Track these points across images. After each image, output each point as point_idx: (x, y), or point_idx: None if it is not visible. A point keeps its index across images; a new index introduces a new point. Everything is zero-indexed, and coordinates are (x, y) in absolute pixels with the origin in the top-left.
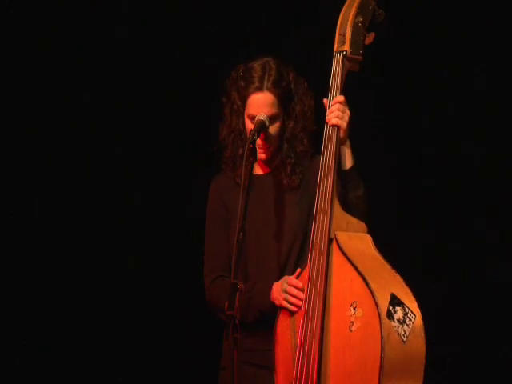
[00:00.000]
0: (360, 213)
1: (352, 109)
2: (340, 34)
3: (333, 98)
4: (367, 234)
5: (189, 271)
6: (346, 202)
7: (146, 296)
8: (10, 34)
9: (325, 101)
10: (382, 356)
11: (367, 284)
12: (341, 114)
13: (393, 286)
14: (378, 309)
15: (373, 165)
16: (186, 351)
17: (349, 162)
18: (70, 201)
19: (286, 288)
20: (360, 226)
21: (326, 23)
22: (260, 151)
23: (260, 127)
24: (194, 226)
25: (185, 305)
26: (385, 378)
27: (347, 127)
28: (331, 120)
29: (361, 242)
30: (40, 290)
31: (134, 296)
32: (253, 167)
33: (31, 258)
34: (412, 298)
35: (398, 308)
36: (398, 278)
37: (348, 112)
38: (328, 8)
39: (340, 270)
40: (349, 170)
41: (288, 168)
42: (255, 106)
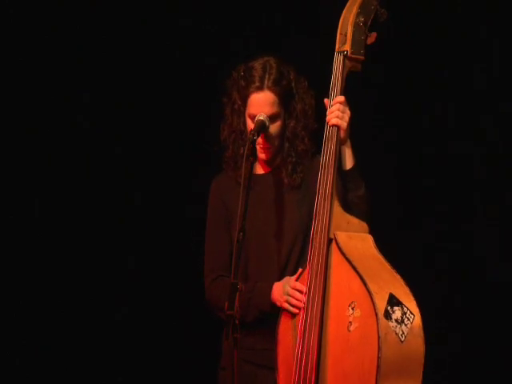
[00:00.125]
0: (361, 213)
1: (352, 109)
2: (341, 33)
3: (333, 97)
4: (369, 234)
5: (189, 271)
6: (347, 201)
7: (146, 296)
8: (10, 34)
9: (326, 101)
10: (378, 356)
11: (365, 284)
12: (341, 114)
13: (392, 286)
14: (375, 309)
15: (373, 165)
16: (186, 351)
17: (349, 162)
18: (70, 201)
19: (289, 291)
20: (361, 226)
21: (328, 23)
22: (261, 151)
23: (260, 127)
24: (194, 225)
25: (185, 304)
26: (382, 378)
27: (347, 127)
28: (331, 120)
29: (362, 242)
30: (40, 290)
31: (134, 296)
32: (254, 167)
33: (31, 257)
34: (411, 297)
35: (396, 308)
36: (398, 278)
37: (348, 112)
38: (330, 8)
39: (339, 270)
40: (349, 170)
41: (289, 167)
42: (256, 105)
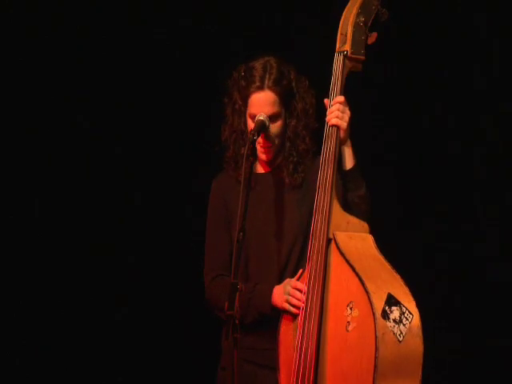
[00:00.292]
0: (362, 213)
1: (352, 109)
2: (341, 33)
3: (333, 97)
4: (369, 233)
5: (189, 271)
6: (347, 201)
7: (146, 296)
8: (10, 34)
9: (326, 101)
10: (376, 356)
11: (363, 284)
12: (340, 115)
13: (391, 285)
14: (372, 309)
15: (373, 165)
16: (186, 351)
17: (350, 162)
18: (70, 201)
19: (290, 291)
20: (362, 226)
21: (328, 23)
22: (261, 150)
23: (260, 127)
24: (193, 226)
25: (185, 304)
26: (380, 377)
27: (347, 127)
28: (331, 120)
29: (362, 242)
30: (40, 290)
31: (133, 295)
32: (254, 166)
33: (31, 258)
34: (410, 297)
35: (394, 308)
36: (398, 277)
37: (348, 112)
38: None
39: (338, 270)
40: (350, 169)
41: (290, 166)
42: (257, 105)
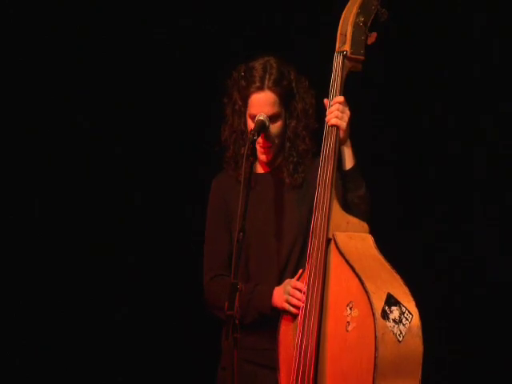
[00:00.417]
0: (361, 213)
1: (352, 109)
2: (341, 33)
3: (333, 98)
4: (369, 234)
5: (189, 271)
6: (347, 202)
7: (146, 296)
8: (10, 34)
9: (325, 101)
10: (375, 356)
11: (363, 284)
12: (340, 115)
13: (391, 285)
14: (372, 309)
15: (373, 165)
16: (186, 351)
17: (349, 162)
18: (70, 201)
19: (290, 291)
20: (361, 226)
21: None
22: (261, 151)
23: (260, 127)
24: (194, 225)
25: (185, 304)
26: (379, 377)
27: (347, 127)
28: (331, 120)
29: (362, 243)
30: (40, 290)
31: (133, 295)
32: (254, 166)
33: (31, 258)
34: (410, 297)
35: (394, 308)
36: (398, 277)
37: (348, 112)
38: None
39: (337, 270)
40: (350, 169)
41: (290, 167)
42: (256, 105)
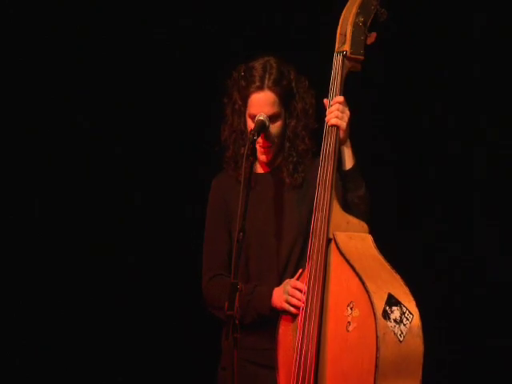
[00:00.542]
0: (361, 213)
1: (352, 109)
2: (341, 33)
3: (333, 97)
4: (369, 234)
5: (189, 271)
6: (347, 202)
7: (146, 295)
8: (10, 34)
9: (325, 101)
10: (377, 356)
11: (363, 284)
12: (340, 115)
13: (391, 285)
14: (373, 309)
15: (373, 165)
16: (186, 351)
17: (349, 162)
18: (70, 201)
19: (289, 291)
20: (361, 226)
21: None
22: (261, 151)
23: (260, 127)
24: (194, 225)
25: (185, 304)
26: (380, 377)
27: (347, 127)
28: (330, 120)
29: (361, 243)
30: (40, 290)
31: (133, 295)
32: (254, 166)
33: (31, 258)
34: (410, 297)
35: (394, 308)
36: (398, 277)
37: (348, 112)
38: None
39: (338, 270)
40: (349, 170)
41: (290, 166)
42: (256, 105)
